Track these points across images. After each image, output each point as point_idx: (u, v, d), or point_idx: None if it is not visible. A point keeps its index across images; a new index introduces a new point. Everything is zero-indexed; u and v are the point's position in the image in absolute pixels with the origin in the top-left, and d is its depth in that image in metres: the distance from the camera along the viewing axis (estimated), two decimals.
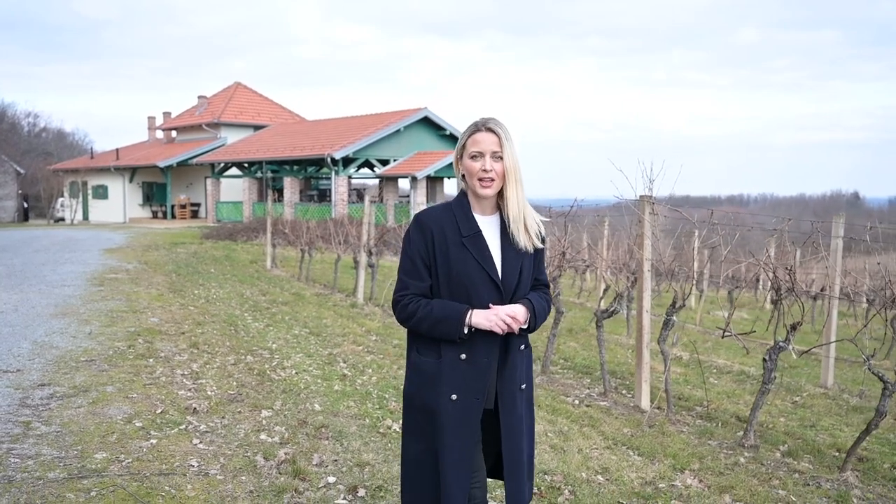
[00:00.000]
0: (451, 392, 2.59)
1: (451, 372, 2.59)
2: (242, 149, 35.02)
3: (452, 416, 2.59)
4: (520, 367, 2.71)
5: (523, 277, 2.66)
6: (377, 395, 6.17)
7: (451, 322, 2.54)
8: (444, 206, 2.71)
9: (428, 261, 2.63)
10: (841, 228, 7.85)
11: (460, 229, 2.61)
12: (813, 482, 4.75)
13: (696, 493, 4.44)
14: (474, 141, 2.60)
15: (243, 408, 5.49)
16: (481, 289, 2.58)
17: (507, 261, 2.63)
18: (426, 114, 31.05)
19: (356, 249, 13.32)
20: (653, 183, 6.42)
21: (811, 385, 8.11)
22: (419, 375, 2.67)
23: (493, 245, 2.64)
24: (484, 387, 2.61)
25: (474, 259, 2.59)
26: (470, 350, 2.59)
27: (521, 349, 2.71)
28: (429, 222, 2.64)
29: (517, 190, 2.62)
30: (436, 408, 2.61)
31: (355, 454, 4.56)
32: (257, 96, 42.88)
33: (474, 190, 2.63)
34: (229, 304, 10.97)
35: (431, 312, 2.57)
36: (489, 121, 2.62)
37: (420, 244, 2.63)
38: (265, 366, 6.97)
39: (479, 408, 2.61)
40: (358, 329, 9.62)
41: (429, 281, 2.64)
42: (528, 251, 2.67)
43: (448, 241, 2.60)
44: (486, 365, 2.60)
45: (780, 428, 6.29)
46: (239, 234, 24.98)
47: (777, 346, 5.41)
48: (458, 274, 2.58)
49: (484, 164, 2.57)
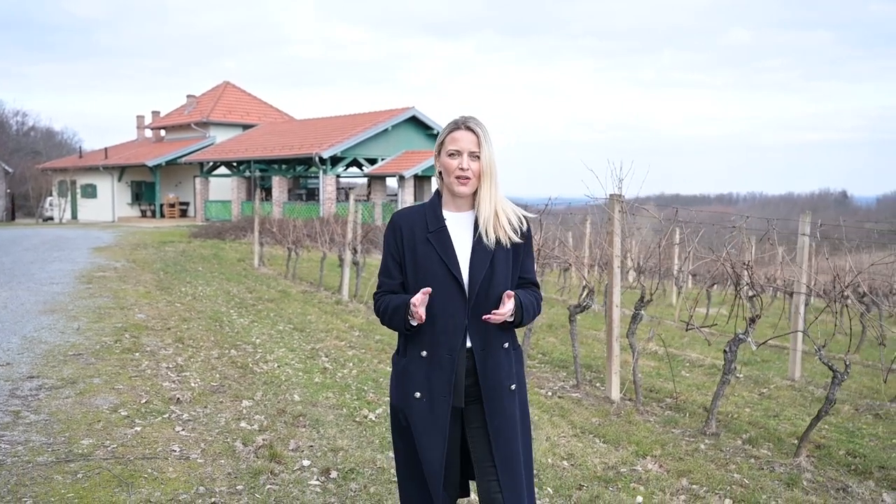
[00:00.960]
0: (415, 390, 2.61)
1: (415, 370, 2.62)
2: (231, 148, 35.14)
3: (419, 415, 2.60)
4: (505, 367, 2.67)
5: (496, 272, 2.62)
6: (356, 388, 6.39)
7: (401, 311, 2.57)
8: (419, 206, 2.74)
9: (399, 258, 2.67)
10: (807, 227, 8.12)
11: (427, 225, 2.64)
12: (767, 467, 4.99)
13: (655, 476, 4.68)
14: (453, 139, 2.62)
15: (225, 398, 5.71)
16: (444, 283, 2.58)
17: (476, 255, 2.62)
18: (414, 113, 31.27)
19: (342, 248, 13.52)
20: (622, 182, 6.67)
21: (779, 378, 8.38)
22: (394, 375, 2.73)
23: (461, 240, 2.65)
24: (448, 385, 2.59)
25: (437, 254, 2.60)
26: (431, 347, 2.60)
27: (505, 347, 2.68)
28: (400, 221, 2.69)
29: (491, 189, 2.63)
30: (404, 407, 2.65)
31: (330, 440, 4.78)
32: (246, 95, 42.98)
33: (450, 187, 2.65)
34: (215, 301, 11.16)
35: (389, 305, 2.62)
36: (469, 119, 2.64)
37: (391, 242, 2.69)
38: (248, 359, 7.18)
39: (445, 406, 2.59)
40: (341, 325, 9.83)
41: (400, 278, 2.67)
42: (505, 246, 2.64)
43: (416, 238, 2.64)
44: (448, 362, 2.59)
45: (745, 418, 6.54)
46: (227, 232, 25.13)
47: (737, 338, 5.67)
48: (423, 269, 2.61)
49: (461, 162, 2.59)
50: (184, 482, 3.96)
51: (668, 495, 4.37)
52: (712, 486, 4.57)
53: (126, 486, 3.85)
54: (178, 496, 3.78)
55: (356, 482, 4.09)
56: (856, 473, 5.15)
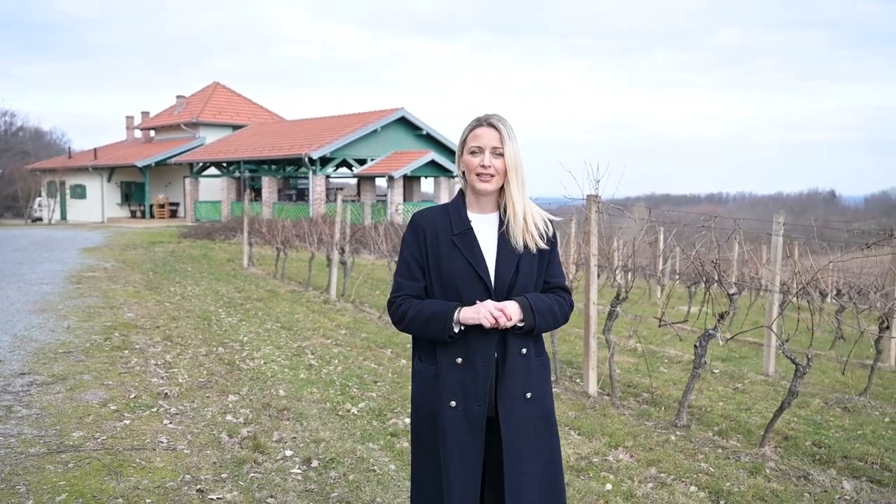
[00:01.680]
0: (450, 398, 2.52)
1: (449, 377, 2.52)
2: (221, 149, 35.23)
3: (453, 424, 2.51)
4: (522, 374, 2.57)
5: (521, 277, 2.56)
6: (340, 383, 6.57)
7: (440, 318, 2.47)
8: (441, 207, 2.67)
9: (422, 261, 2.58)
10: (781, 227, 8.35)
11: (452, 227, 2.57)
12: (734, 456, 5.20)
13: (625, 466, 4.89)
14: (475, 136, 2.54)
15: (212, 393, 5.89)
16: (470, 286, 2.52)
17: (503, 259, 2.55)
18: (403, 114, 31.45)
19: (329, 248, 13.69)
20: (598, 183, 6.88)
21: (754, 373, 8.61)
22: (421, 383, 2.61)
23: (487, 243, 2.58)
24: (484, 392, 2.51)
25: (463, 256, 2.53)
26: (465, 353, 2.52)
27: (523, 353, 2.58)
28: (423, 222, 2.60)
29: (517, 190, 2.55)
30: (436, 416, 2.54)
31: (313, 432, 4.97)
32: (236, 96, 43.06)
33: (472, 185, 2.57)
34: (204, 301, 11.32)
35: (421, 311, 2.51)
36: (491, 116, 2.56)
37: (413, 245, 2.60)
38: (235, 356, 7.36)
39: (481, 415, 2.51)
40: (329, 324, 10.00)
41: (423, 282, 2.59)
42: (531, 251, 2.58)
43: (440, 240, 2.56)
44: (483, 369, 2.51)
45: (718, 411, 6.75)
46: (217, 233, 25.25)
47: (706, 334, 5.88)
48: (448, 272, 2.53)
49: (483, 159, 2.51)
50: (171, 471, 4.15)
51: (636, 483, 4.57)
52: (679, 474, 4.77)
53: (115, 474, 4.03)
54: (165, 483, 3.97)
55: (336, 471, 4.29)
56: (820, 463, 5.37)
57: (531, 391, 2.58)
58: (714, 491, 4.48)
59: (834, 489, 4.70)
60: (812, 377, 8.91)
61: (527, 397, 2.57)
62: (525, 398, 2.56)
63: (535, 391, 2.59)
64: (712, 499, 4.38)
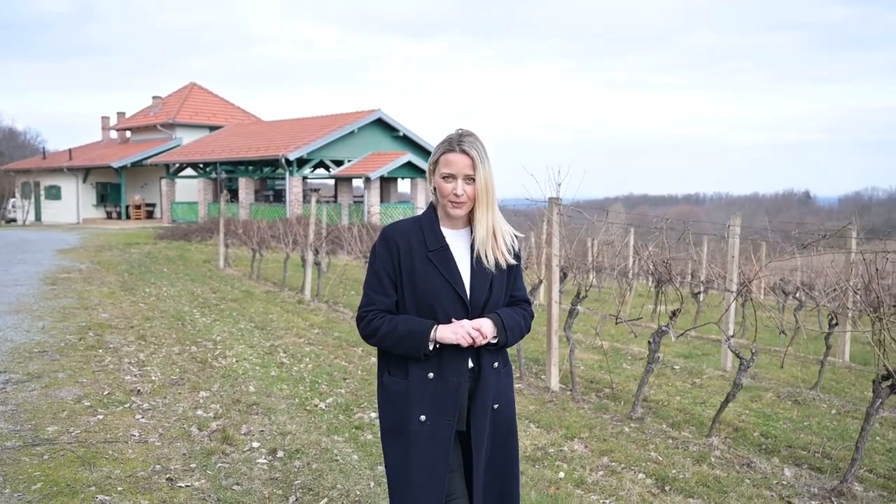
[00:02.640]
0: (420, 413, 2.53)
1: (420, 392, 2.54)
2: (197, 150, 35.20)
3: (422, 439, 2.53)
4: (493, 387, 2.62)
5: (493, 293, 2.61)
6: (310, 381, 6.77)
7: (416, 337, 2.49)
8: (413, 220, 2.67)
9: (394, 276, 2.58)
10: (738, 228, 8.67)
11: (427, 243, 2.57)
12: (682, 446, 5.48)
13: (579, 455, 5.15)
14: (447, 161, 2.54)
15: (183, 390, 6.08)
16: (447, 304, 2.54)
17: (476, 276, 2.59)
18: (380, 115, 31.62)
19: (304, 249, 13.87)
20: (560, 186, 7.14)
21: (712, 369, 8.92)
22: (390, 397, 2.61)
23: (461, 260, 2.61)
24: (455, 407, 2.54)
25: (440, 274, 2.55)
26: (438, 368, 2.54)
27: (495, 366, 2.63)
28: (395, 236, 2.60)
29: (488, 211, 2.57)
30: (405, 430, 2.55)
31: (280, 426, 5.19)
32: (213, 97, 42.98)
33: (445, 209, 2.59)
34: (179, 301, 11.46)
35: (396, 328, 2.52)
36: (464, 140, 2.55)
37: (386, 259, 2.59)
38: (208, 355, 7.54)
39: (450, 429, 2.55)
40: (302, 323, 10.19)
41: (394, 296, 2.59)
42: (501, 267, 2.62)
43: (414, 256, 2.56)
44: (455, 384, 2.54)
45: (675, 405, 7.04)
46: (193, 234, 25.29)
47: (660, 330, 6.16)
48: (424, 289, 2.54)
49: (455, 187, 2.53)
50: (142, 462, 4.35)
51: (587, 471, 4.83)
52: (629, 463, 5.04)
53: (88, 465, 4.23)
54: (137, 473, 4.17)
55: (300, 460, 4.51)
56: (765, 452, 5.66)
57: (499, 402, 2.65)
58: (660, 478, 4.75)
59: (774, 475, 4.98)
60: (770, 373, 9.24)
61: (494, 408, 2.63)
62: (493, 409, 2.63)
63: (502, 401, 2.66)
64: (658, 485, 4.64)
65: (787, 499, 4.49)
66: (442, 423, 2.53)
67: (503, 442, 2.68)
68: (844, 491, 4.60)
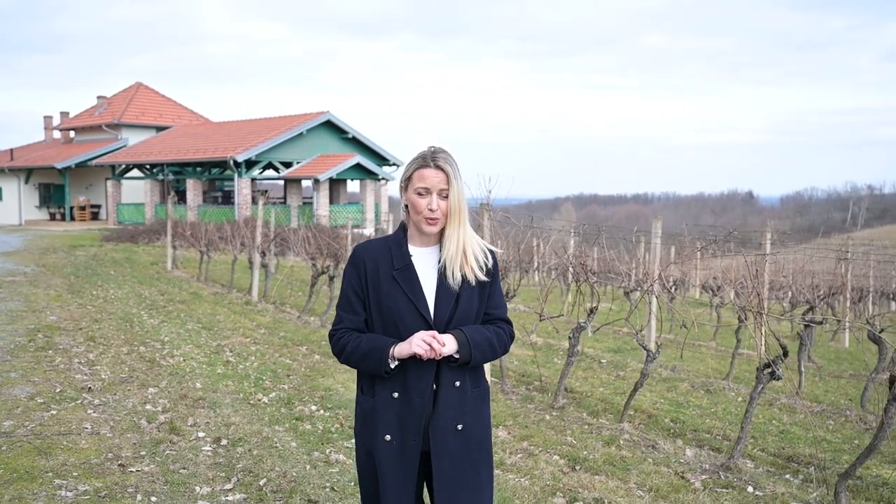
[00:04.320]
0: (385, 432, 2.56)
1: (385, 411, 2.56)
2: (144, 151, 34.96)
3: (388, 458, 2.55)
4: (455, 406, 2.59)
5: (460, 311, 2.59)
6: (255, 377, 7.16)
7: (376, 354, 2.52)
8: (383, 240, 2.69)
9: (362, 294, 2.61)
10: (658, 229, 9.31)
11: (393, 262, 2.60)
12: (596, 431, 6.03)
13: (502, 441, 5.65)
14: (421, 176, 2.55)
15: (133, 387, 6.42)
16: (410, 323, 2.54)
17: (441, 293, 2.59)
18: (329, 117, 31.87)
19: (252, 251, 14.16)
20: (490, 193, 7.65)
21: (636, 362, 9.55)
22: (360, 415, 2.65)
23: (427, 278, 2.60)
24: (420, 427, 2.55)
25: (403, 292, 2.56)
26: (403, 388, 2.55)
27: (457, 385, 2.59)
28: (364, 256, 2.63)
29: (459, 228, 2.58)
30: (372, 449, 2.59)
31: (225, 418, 5.59)
32: (159, 97, 42.61)
33: (418, 226, 2.60)
34: (127, 304, 11.68)
35: (359, 346, 2.56)
36: (438, 156, 2.57)
37: (354, 278, 2.62)
38: (156, 354, 7.86)
39: (415, 449, 2.55)
40: (249, 324, 10.53)
41: (363, 315, 2.62)
42: (471, 283, 2.60)
43: (380, 275, 2.59)
44: (419, 404, 2.54)
45: (597, 395, 7.61)
46: (140, 236, 25.24)
47: (578, 326, 6.71)
48: (388, 308, 2.56)
49: (430, 202, 2.54)
50: (95, 451, 4.72)
51: (507, 454, 5.33)
52: (546, 446, 5.56)
53: (45, 454, 4.58)
54: (90, 461, 4.54)
55: (242, 447, 4.93)
56: (672, 435, 6.25)
57: (462, 423, 2.60)
58: (572, 458, 5.28)
59: (676, 455, 5.56)
60: (691, 365, 9.93)
61: (458, 429, 2.58)
62: (456, 430, 2.58)
63: (468, 422, 2.61)
64: (569, 465, 5.17)
65: (682, 474, 5.05)
66: (407, 443, 2.54)
67: (472, 465, 2.62)
68: (731, 466, 5.19)
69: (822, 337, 14.10)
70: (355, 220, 26.91)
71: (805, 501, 4.60)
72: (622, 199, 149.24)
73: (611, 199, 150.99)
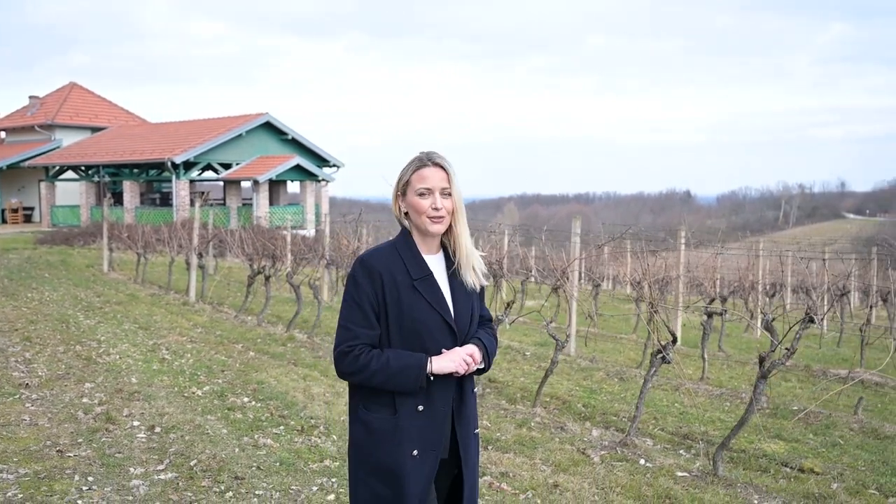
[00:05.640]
0: (412, 448, 2.46)
1: (410, 426, 2.47)
2: (79, 152, 34.41)
3: (414, 474, 2.46)
4: (474, 411, 2.64)
5: (474, 317, 2.60)
6: (190, 373, 7.45)
7: (412, 372, 2.43)
8: (388, 248, 2.58)
9: (377, 308, 2.50)
10: (578, 228, 9.89)
11: (409, 272, 2.51)
12: (511, 415, 6.52)
13: None
14: (421, 177, 2.49)
15: (69, 382, 6.67)
16: (436, 333, 2.49)
17: (458, 301, 2.56)
18: (268, 119, 31.90)
19: (188, 252, 14.31)
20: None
21: (560, 354, 10.10)
22: (371, 434, 2.50)
23: (442, 286, 2.56)
24: (441, 437, 2.51)
25: (427, 302, 2.49)
26: (427, 400, 2.49)
27: (474, 391, 2.64)
28: (378, 266, 2.51)
29: (465, 230, 2.55)
30: (395, 467, 2.47)
31: (159, 408, 5.90)
32: (94, 97, 41.88)
33: (423, 227, 2.51)
34: (62, 305, 11.76)
35: (388, 364, 2.44)
36: (434, 155, 2.53)
37: (369, 290, 2.49)
38: (92, 353, 8.08)
39: (436, 460, 2.51)
40: (186, 323, 10.75)
41: (378, 329, 2.51)
42: (475, 290, 2.61)
43: (399, 286, 2.49)
44: (443, 414, 2.51)
45: (518, 385, 8.10)
46: (76, 238, 24.95)
47: (497, 319, 7.20)
48: (412, 319, 2.48)
49: (434, 201, 2.47)
50: (34, 439, 5.01)
51: None
52: None
53: None
54: (30, 448, 4.83)
55: (175, 434, 5.28)
56: (582, 418, 6.78)
57: (477, 427, 2.67)
58: (486, 440, 5.74)
59: (582, 435, 6.08)
60: (610, 356, 10.53)
61: (475, 433, 2.64)
62: (474, 434, 2.63)
63: (476, 424, 2.68)
64: (483, 445, 5.62)
65: (583, 451, 5.56)
66: (429, 454, 2.49)
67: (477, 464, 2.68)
68: (628, 443, 5.73)
69: (736, 329, 14.97)
70: (295, 221, 27.04)
71: (688, 470, 5.15)
72: (564, 199, 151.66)
73: (553, 198, 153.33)
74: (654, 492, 4.65)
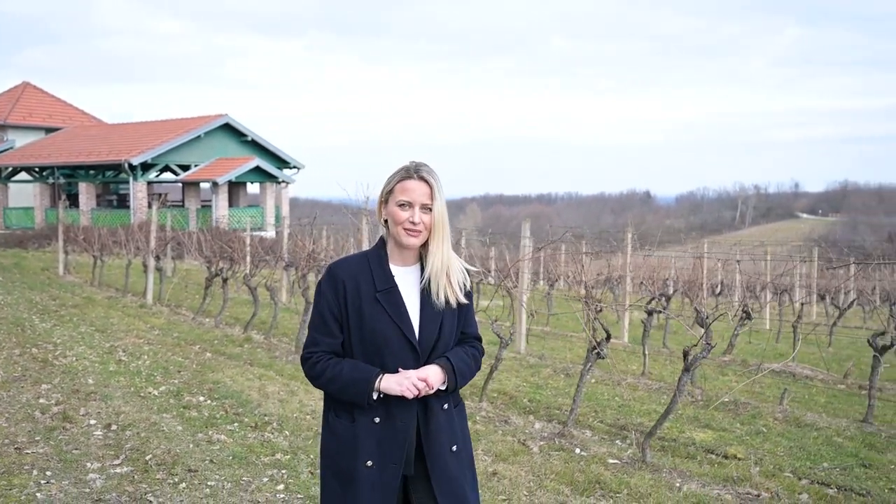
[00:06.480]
0: (367, 458, 2.46)
1: (366, 436, 2.47)
2: (32, 153, 33.93)
3: (367, 484, 2.46)
4: (447, 428, 2.55)
5: (444, 334, 2.53)
6: (146, 374, 7.61)
7: (360, 386, 2.44)
8: (360, 257, 2.58)
9: (339, 316, 2.50)
10: (528, 230, 10.25)
11: (375, 282, 2.49)
12: None
13: None
14: (404, 189, 2.47)
15: (26, 384, 6.81)
16: (396, 348, 2.47)
17: (426, 316, 2.51)
18: (227, 120, 31.85)
19: (146, 255, 14.37)
20: (368, 199, 8.36)
21: (511, 352, 10.45)
22: (334, 439, 2.54)
23: (410, 299, 2.52)
24: (402, 451, 2.48)
25: (388, 316, 2.46)
26: (385, 413, 2.47)
27: (445, 408, 2.55)
28: (342, 275, 2.51)
29: (443, 244, 2.50)
30: (350, 474, 2.48)
31: (115, 407, 6.09)
32: (48, 97, 41.25)
33: (398, 238, 2.49)
34: (17, 309, 11.78)
35: (341, 374, 2.46)
36: (421, 168, 2.50)
37: (331, 298, 2.51)
38: (49, 355, 8.19)
39: (396, 474, 2.48)
40: (143, 326, 10.86)
41: (340, 337, 2.52)
42: (452, 306, 2.54)
43: (361, 296, 2.48)
44: (402, 428, 2.47)
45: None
46: (30, 241, 24.72)
47: None
48: (371, 331, 2.47)
49: (412, 215, 2.45)
50: None
51: None
52: None
53: None
54: None
55: (131, 431, 5.48)
56: (527, 412, 7.11)
57: (456, 443, 2.57)
58: None
59: (524, 427, 6.40)
60: (559, 353, 10.90)
61: (453, 450, 2.55)
62: (451, 451, 2.55)
63: (459, 442, 2.59)
64: None
65: (523, 441, 5.88)
66: (388, 467, 2.47)
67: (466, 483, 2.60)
68: (566, 433, 6.07)
69: (683, 326, 15.46)
70: (255, 222, 27.04)
71: (620, 458, 5.50)
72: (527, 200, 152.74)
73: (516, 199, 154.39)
74: (585, 477, 4.99)
